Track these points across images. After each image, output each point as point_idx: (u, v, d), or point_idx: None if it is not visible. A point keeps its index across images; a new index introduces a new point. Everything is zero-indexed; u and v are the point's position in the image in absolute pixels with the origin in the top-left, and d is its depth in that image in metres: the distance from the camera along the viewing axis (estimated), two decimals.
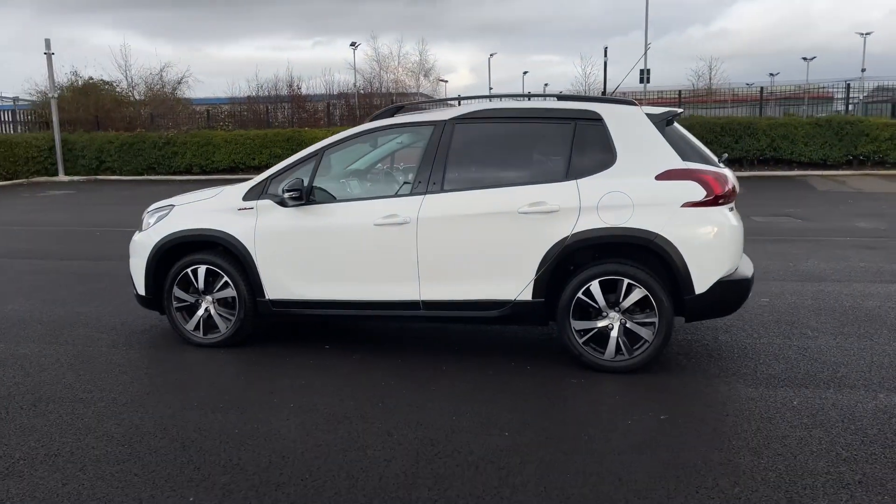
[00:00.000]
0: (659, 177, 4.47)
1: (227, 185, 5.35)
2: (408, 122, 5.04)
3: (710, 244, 4.47)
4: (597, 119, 4.65)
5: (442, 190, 4.74)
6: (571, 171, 4.60)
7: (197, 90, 36.25)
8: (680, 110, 5.19)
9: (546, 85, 41.35)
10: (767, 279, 7.13)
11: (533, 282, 4.58)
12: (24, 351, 5.16)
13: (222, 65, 73.56)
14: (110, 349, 5.17)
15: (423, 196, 4.75)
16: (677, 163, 4.50)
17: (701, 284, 4.41)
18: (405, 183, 4.98)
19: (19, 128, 26.38)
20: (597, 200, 4.49)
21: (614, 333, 4.53)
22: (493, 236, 4.64)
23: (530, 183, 4.66)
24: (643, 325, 4.51)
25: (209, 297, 5.17)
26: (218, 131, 24.54)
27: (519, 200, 4.58)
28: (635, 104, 4.79)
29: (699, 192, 4.41)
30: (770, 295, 6.49)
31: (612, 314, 4.53)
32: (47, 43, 24.19)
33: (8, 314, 6.24)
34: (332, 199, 4.98)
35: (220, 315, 5.17)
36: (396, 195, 4.86)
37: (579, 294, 4.53)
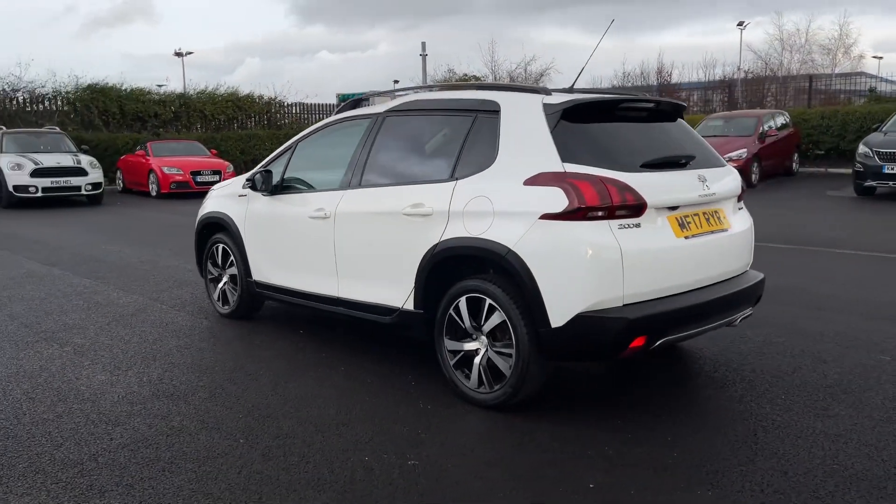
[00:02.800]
0: (528, 181, 3.65)
1: None
2: (355, 115, 4.91)
3: (570, 267, 3.49)
4: (495, 111, 3.98)
5: (360, 185, 4.58)
6: (457, 171, 4.03)
7: (558, 81, 37.44)
8: (617, 96, 4.09)
9: None
10: None
11: (413, 291, 4.17)
12: (121, 300, 6.45)
13: (647, 53, 73.83)
14: (165, 307, 6.16)
15: (344, 191, 4.66)
16: (553, 165, 3.62)
17: (557, 316, 3.50)
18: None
19: None
20: (464, 205, 3.88)
21: (477, 360, 3.88)
22: (385, 237, 4.33)
23: (421, 182, 4.22)
24: (502, 355, 3.78)
25: (226, 273, 5.82)
26: None
27: (404, 201, 4.19)
28: (540, 92, 3.95)
29: (560, 202, 3.49)
30: None
31: (482, 338, 3.88)
32: (423, 45, 27.71)
33: (160, 268, 7.79)
34: (299, 189, 5.15)
35: (230, 290, 5.79)
36: (330, 189, 4.83)
37: (450, 311, 3.98)
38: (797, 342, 4.94)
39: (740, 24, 39.76)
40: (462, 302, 3.89)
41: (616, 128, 3.92)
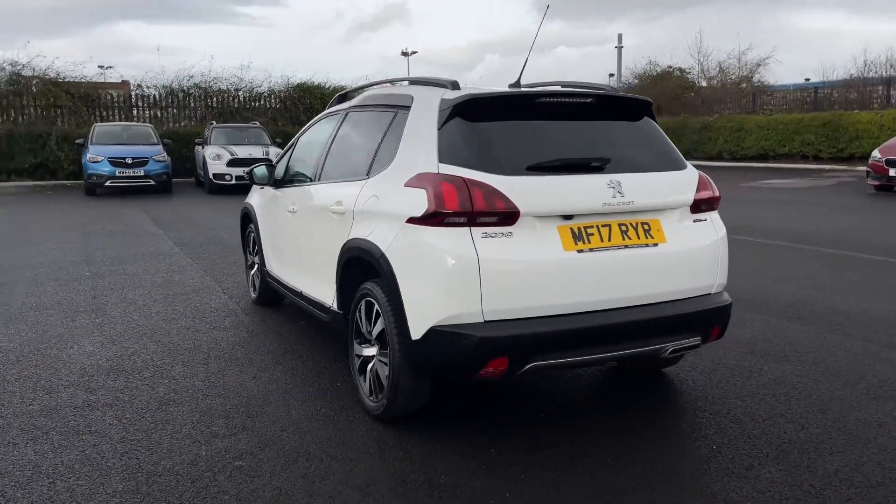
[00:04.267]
0: (407, 182, 3.40)
1: None
2: (334, 111, 4.88)
3: (426, 276, 3.20)
4: (408, 107, 3.76)
5: (318, 180, 4.58)
6: (372, 169, 3.87)
7: (777, 72, 33.78)
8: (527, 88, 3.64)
9: None
10: None
11: (335, 290, 4.09)
12: (193, 280, 7.05)
13: None
14: (218, 290, 6.63)
15: (308, 186, 4.69)
16: (430, 165, 3.33)
17: (416, 328, 3.24)
18: None
19: None
20: (363, 205, 3.73)
21: (370, 366, 3.72)
22: (320, 234, 4.30)
23: (346, 179, 4.12)
24: (382, 364, 3.57)
25: (256, 261, 6.12)
26: (753, 115, 23.03)
27: (333, 198, 4.12)
28: (445, 86, 3.63)
29: (421, 206, 3.21)
30: None
31: (378, 344, 3.71)
32: (619, 38, 26.67)
33: None
34: (291, 183, 5.23)
35: (257, 276, 6.07)
36: (302, 184, 4.87)
37: (356, 313, 3.85)
38: (816, 385, 4.09)
39: None
40: (363, 305, 3.75)
41: (522, 126, 3.50)
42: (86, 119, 21.50)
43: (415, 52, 53.49)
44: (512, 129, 3.48)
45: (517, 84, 3.96)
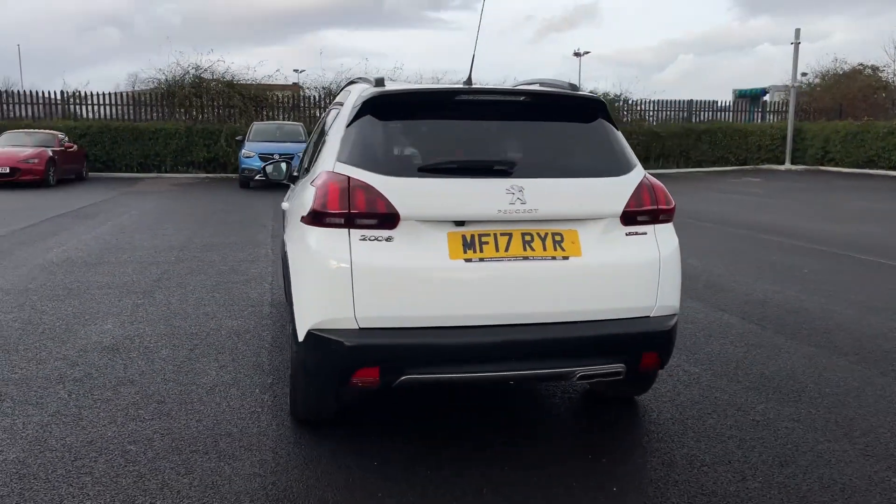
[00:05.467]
0: (312, 181, 3.32)
1: None
2: (330, 108, 4.88)
3: (306, 278, 3.10)
4: (343, 104, 3.68)
5: (300, 176, 4.61)
6: (311, 167, 3.83)
7: None
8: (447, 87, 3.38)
9: None
10: None
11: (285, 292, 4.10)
12: (254, 270, 7.38)
13: None
14: (266, 282, 6.91)
15: (295, 183, 4.74)
16: (329, 164, 3.22)
17: (300, 330, 3.15)
18: None
19: (769, 117, 27.40)
20: (291, 203, 3.71)
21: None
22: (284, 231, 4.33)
23: (303, 176, 4.09)
24: None
25: None
26: None
27: (289, 195, 4.14)
28: (370, 83, 3.47)
29: (308, 205, 3.11)
30: None
31: None
32: (797, 33, 24.35)
33: None
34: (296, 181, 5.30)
35: None
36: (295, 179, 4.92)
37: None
38: (805, 433, 3.49)
39: None
40: None
41: (434, 125, 3.28)
42: (254, 118, 23.30)
43: (587, 52, 52.61)
44: (422, 128, 3.29)
45: (468, 81, 3.73)
